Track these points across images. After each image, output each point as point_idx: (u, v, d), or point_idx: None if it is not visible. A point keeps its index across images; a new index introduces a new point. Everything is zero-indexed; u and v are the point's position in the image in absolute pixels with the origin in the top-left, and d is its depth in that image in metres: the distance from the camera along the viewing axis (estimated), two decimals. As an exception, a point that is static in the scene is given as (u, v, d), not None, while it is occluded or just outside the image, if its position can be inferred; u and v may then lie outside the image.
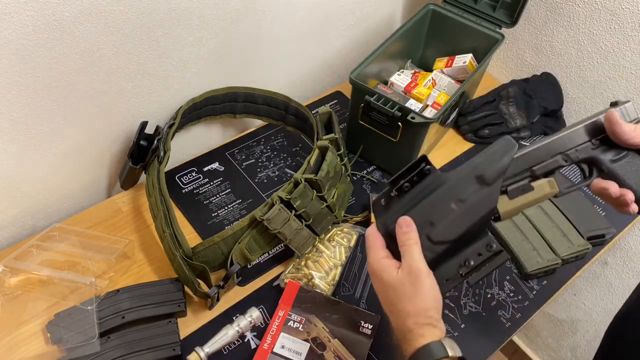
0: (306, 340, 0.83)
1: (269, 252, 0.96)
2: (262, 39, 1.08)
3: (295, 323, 0.85)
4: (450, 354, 0.55)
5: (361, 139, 1.08)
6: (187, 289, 0.87)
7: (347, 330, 0.85)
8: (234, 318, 0.84)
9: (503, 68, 1.33)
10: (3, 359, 0.79)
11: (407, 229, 0.59)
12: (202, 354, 0.78)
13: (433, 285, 0.59)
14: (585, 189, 0.78)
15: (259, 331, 0.86)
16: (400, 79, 1.15)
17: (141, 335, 0.80)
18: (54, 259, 0.88)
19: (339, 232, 0.97)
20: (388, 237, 0.62)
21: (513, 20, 1.11)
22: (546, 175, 0.63)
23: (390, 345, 0.85)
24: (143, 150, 0.96)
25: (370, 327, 0.85)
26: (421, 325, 0.58)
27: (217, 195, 1.04)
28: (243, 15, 1.00)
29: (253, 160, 1.11)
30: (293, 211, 0.87)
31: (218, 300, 0.88)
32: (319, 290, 0.89)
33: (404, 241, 0.59)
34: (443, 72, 1.17)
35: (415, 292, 0.58)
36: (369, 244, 0.63)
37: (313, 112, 1.09)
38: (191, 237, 0.97)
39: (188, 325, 0.86)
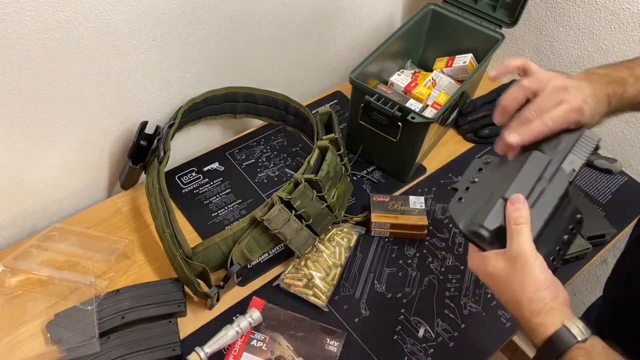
0: (269, 361, 0.82)
1: (269, 252, 0.96)
2: (262, 38, 1.08)
3: (259, 342, 0.83)
4: (579, 338, 0.52)
5: (361, 139, 1.08)
6: (187, 289, 0.87)
7: (312, 348, 0.83)
8: (234, 318, 0.84)
9: (503, 68, 1.33)
10: (3, 359, 0.79)
11: (521, 206, 0.56)
12: (202, 354, 0.78)
13: (542, 267, 0.55)
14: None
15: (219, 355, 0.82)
16: (400, 79, 1.15)
17: (141, 335, 0.80)
18: (54, 259, 0.88)
19: (339, 232, 0.97)
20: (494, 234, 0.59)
21: (513, 20, 1.11)
22: None
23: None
24: (143, 150, 0.96)
25: (336, 344, 0.84)
26: (537, 313, 0.54)
27: (217, 195, 1.04)
28: (243, 15, 1.00)
29: (253, 160, 1.11)
30: (293, 211, 0.87)
31: (218, 300, 0.88)
32: (304, 298, 0.89)
33: (516, 219, 0.56)
34: (443, 72, 1.17)
35: (524, 279, 0.55)
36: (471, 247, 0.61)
37: (313, 112, 1.09)
38: (191, 237, 0.97)
39: (188, 325, 0.86)
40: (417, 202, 1.00)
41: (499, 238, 0.58)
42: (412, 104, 1.08)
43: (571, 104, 0.61)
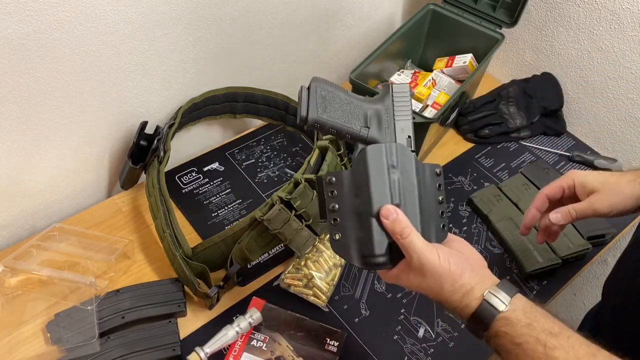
0: (269, 360, 0.81)
1: (269, 252, 0.96)
2: (262, 38, 1.08)
3: (259, 342, 0.83)
4: (500, 308, 0.53)
5: (361, 139, 1.08)
6: (187, 289, 0.87)
7: (312, 348, 0.83)
8: (234, 318, 0.84)
9: (503, 68, 1.33)
10: (3, 359, 0.79)
11: (395, 216, 0.55)
12: (202, 354, 0.78)
13: (447, 258, 0.55)
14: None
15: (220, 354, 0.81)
16: (400, 79, 1.15)
17: (141, 335, 0.80)
18: (54, 259, 0.88)
19: (339, 232, 0.97)
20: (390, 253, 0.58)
21: (513, 20, 1.11)
22: None
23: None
24: (143, 150, 0.96)
25: (336, 344, 0.83)
26: (461, 298, 0.55)
27: (217, 195, 1.04)
28: (243, 15, 1.00)
29: (253, 160, 1.11)
30: (293, 211, 0.87)
31: (218, 300, 0.88)
32: (304, 297, 0.89)
33: (401, 232, 0.55)
34: (443, 72, 1.17)
35: (438, 280, 0.55)
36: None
37: (313, 112, 1.09)
38: (191, 237, 0.97)
39: (188, 325, 0.86)
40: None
41: (396, 251, 0.57)
42: (412, 104, 1.08)
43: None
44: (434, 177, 0.61)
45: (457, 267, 0.55)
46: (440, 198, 0.61)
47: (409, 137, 0.60)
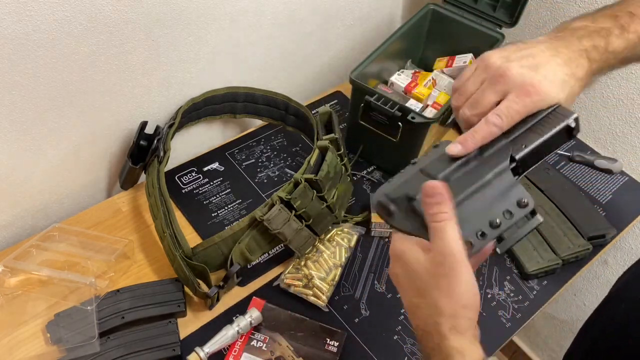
0: (269, 361, 0.81)
1: (269, 252, 0.96)
2: (262, 38, 1.08)
3: (259, 342, 0.83)
4: None
5: (361, 139, 1.08)
6: (187, 289, 0.87)
7: (312, 349, 0.83)
8: (234, 318, 0.84)
9: (503, 68, 1.33)
10: (3, 359, 0.79)
11: (439, 199, 0.46)
12: (202, 354, 0.78)
13: (471, 277, 0.46)
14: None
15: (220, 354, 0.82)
16: (401, 78, 1.15)
17: (141, 335, 0.80)
18: (53, 259, 0.88)
19: (339, 233, 0.97)
20: (404, 211, 0.50)
21: (513, 21, 1.11)
22: None
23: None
24: (143, 150, 0.96)
25: (336, 344, 0.83)
26: (457, 334, 0.45)
27: (217, 195, 1.04)
28: (243, 15, 1.00)
29: (253, 160, 1.11)
30: (293, 211, 0.87)
31: (218, 300, 0.88)
32: (304, 298, 0.89)
33: (434, 216, 0.46)
34: (443, 72, 1.17)
35: (450, 286, 0.45)
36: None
37: (313, 112, 1.09)
38: (191, 237, 0.97)
39: (188, 325, 0.86)
40: (417, 202, 1.00)
41: (411, 218, 0.50)
42: (412, 104, 1.08)
43: (518, 89, 0.51)
44: (515, 199, 0.50)
45: (475, 295, 0.46)
46: (496, 220, 0.49)
47: (524, 146, 0.53)
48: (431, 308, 0.47)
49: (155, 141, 0.94)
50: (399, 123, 0.96)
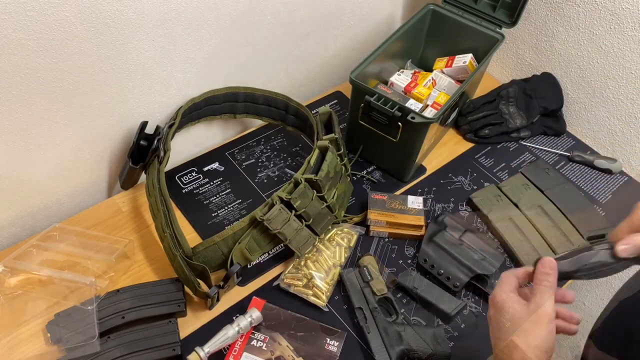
0: (269, 360, 0.81)
1: (269, 252, 0.96)
2: (262, 38, 1.08)
3: (259, 342, 0.83)
4: None
5: (361, 139, 1.08)
6: (187, 289, 0.87)
7: (312, 348, 0.83)
8: (234, 318, 0.84)
9: (503, 68, 1.33)
10: (3, 359, 0.79)
11: (549, 271, 0.60)
12: (202, 354, 0.78)
13: (552, 333, 0.57)
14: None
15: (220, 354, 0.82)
16: (400, 79, 1.15)
17: (141, 335, 0.80)
18: (54, 259, 0.88)
19: (339, 232, 0.97)
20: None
21: (513, 20, 1.11)
22: None
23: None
24: (143, 150, 0.96)
25: (336, 344, 0.84)
26: None
27: (217, 195, 1.04)
28: (243, 15, 1.00)
29: (253, 160, 1.11)
30: (293, 211, 0.87)
31: (218, 300, 0.88)
32: (304, 297, 0.89)
33: (541, 281, 0.60)
34: (443, 72, 1.17)
35: (534, 330, 0.57)
36: (502, 279, 0.63)
37: (313, 112, 1.09)
38: (191, 237, 0.97)
39: (188, 325, 0.86)
40: (415, 202, 1.00)
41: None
42: (412, 104, 1.08)
43: None
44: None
45: (550, 347, 0.57)
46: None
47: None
48: (509, 344, 0.58)
49: (156, 141, 0.94)
50: (399, 123, 0.96)
